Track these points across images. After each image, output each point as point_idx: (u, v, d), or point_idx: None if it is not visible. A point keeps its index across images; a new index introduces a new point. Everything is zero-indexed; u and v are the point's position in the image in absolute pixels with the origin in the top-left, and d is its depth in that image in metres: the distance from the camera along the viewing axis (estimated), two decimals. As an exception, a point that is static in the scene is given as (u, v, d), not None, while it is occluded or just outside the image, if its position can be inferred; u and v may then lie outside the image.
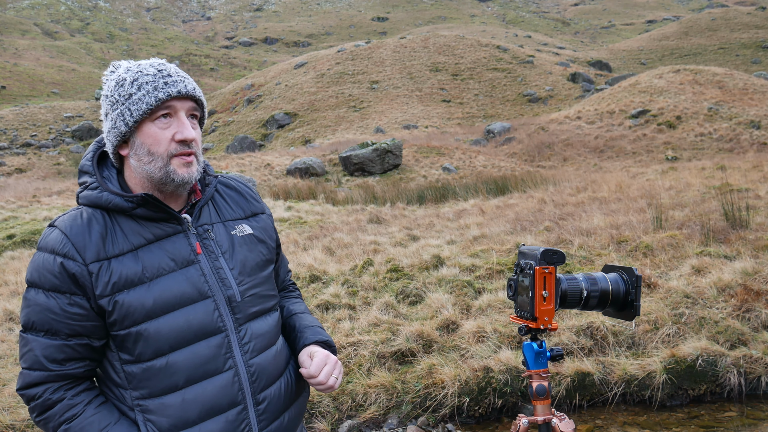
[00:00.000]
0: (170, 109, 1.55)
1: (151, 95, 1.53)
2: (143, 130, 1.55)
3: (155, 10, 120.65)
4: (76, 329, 1.51)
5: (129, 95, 1.54)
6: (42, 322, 1.51)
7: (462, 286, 5.88)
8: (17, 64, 72.85)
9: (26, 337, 1.53)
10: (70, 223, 1.53)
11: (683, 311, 4.93)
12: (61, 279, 1.49)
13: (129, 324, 1.51)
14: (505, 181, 14.66)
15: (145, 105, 1.53)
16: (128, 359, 1.54)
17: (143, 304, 1.51)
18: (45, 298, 1.50)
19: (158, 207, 1.56)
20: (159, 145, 1.55)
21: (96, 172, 1.59)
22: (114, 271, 1.50)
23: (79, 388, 1.55)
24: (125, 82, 1.55)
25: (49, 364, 1.51)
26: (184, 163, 1.57)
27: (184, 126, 1.56)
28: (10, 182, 25.92)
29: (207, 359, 1.57)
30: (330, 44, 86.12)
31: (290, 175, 22.24)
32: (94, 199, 1.56)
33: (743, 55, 59.15)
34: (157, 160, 1.55)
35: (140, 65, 1.58)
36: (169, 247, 1.58)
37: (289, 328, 1.84)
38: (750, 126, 24.97)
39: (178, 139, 1.55)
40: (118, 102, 1.55)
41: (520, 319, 1.76)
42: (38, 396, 1.52)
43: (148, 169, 1.56)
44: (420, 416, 4.22)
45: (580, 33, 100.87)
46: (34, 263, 1.54)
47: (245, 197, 1.80)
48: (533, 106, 41.77)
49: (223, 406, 1.59)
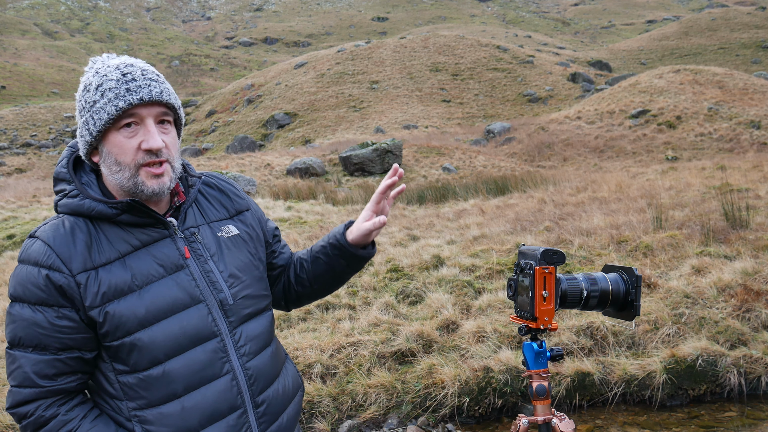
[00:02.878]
0: (135, 117, 1.48)
1: (111, 104, 1.46)
2: (109, 139, 1.49)
3: (155, 10, 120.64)
4: (66, 342, 1.46)
5: (93, 102, 1.48)
6: (30, 338, 1.45)
7: (462, 286, 5.87)
8: (17, 64, 72.86)
9: (14, 354, 1.47)
10: (53, 233, 1.47)
11: (683, 311, 4.93)
12: (47, 292, 1.44)
13: (122, 334, 1.47)
14: (505, 181, 14.66)
15: (107, 114, 1.46)
16: (123, 369, 1.50)
17: (135, 313, 1.47)
18: (31, 312, 1.45)
19: (144, 212, 1.52)
20: (125, 155, 1.48)
21: (74, 179, 1.54)
22: (102, 281, 1.46)
23: (73, 402, 1.51)
24: (90, 87, 1.49)
25: (40, 380, 1.46)
26: (153, 175, 1.50)
27: (150, 134, 1.48)
28: (10, 182, 25.92)
29: (204, 365, 1.54)
30: (330, 44, 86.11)
31: (290, 175, 22.23)
32: (76, 207, 1.50)
33: (743, 55, 59.15)
34: (125, 170, 1.49)
35: (108, 67, 1.51)
36: (156, 252, 1.54)
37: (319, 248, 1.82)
38: (750, 126, 24.97)
39: (144, 149, 1.48)
40: (84, 109, 1.50)
41: (520, 319, 1.76)
42: (30, 414, 1.47)
43: (118, 179, 1.51)
44: (420, 416, 4.22)
45: (580, 33, 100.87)
46: (17, 277, 1.48)
47: (228, 196, 1.76)
48: (533, 106, 41.76)
49: (224, 411, 1.56)
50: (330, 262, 1.79)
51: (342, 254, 1.77)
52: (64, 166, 1.56)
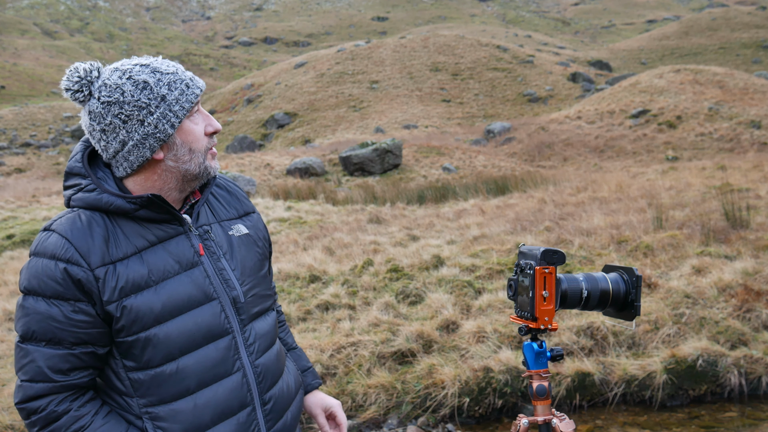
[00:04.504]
0: (197, 104, 1.57)
1: (188, 93, 1.51)
2: (183, 129, 1.53)
3: (155, 10, 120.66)
4: (81, 337, 1.46)
5: (162, 96, 1.48)
6: (44, 332, 1.44)
7: (462, 286, 5.87)
8: (17, 63, 72.88)
9: (26, 348, 1.46)
10: (70, 227, 1.46)
11: (684, 311, 4.93)
12: (64, 285, 1.43)
13: (138, 329, 1.47)
14: (505, 181, 14.66)
15: (188, 103, 1.51)
16: (133, 366, 1.50)
17: (152, 308, 1.48)
18: (46, 306, 1.43)
19: (162, 208, 1.52)
20: (198, 142, 1.55)
21: (90, 173, 1.53)
22: (120, 276, 1.46)
23: (84, 398, 1.50)
24: (149, 84, 1.48)
25: (54, 375, 1.45)
26: (213, 156, 1.61)
27: (211, 118, 1.59)
28: (10, 182, 25.90)
29: (216, 362, 1.55)
30: (330, 44, 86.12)
31: (290, 175, 22.23)
32: (93, 201, 1.49)
33: (744, 54, 59.15)
34: (198, 156, 1.55)
35: (142, 65, 1.50)
36: (172, 248, 1.55)
37: (290, 352, 1.94)
38: (750, 126, 24.96)
39: (209, 132, 1.57)
40: (150, 105, 1.47)
41: (520, 319, 1.75)
42: (42, 409, 1.45)
43: (189, 167, 1.55)
44: (420, 416, 4.22)
45: (581, 33, 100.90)
46: (32, 269, 1.46)
47: (237, 197, 1.78)
48: (533, 105, 41.76)
49: (234, 408, 1.58)
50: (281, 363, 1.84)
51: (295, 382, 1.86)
52: (79, 161, 1.55)
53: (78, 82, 1.49)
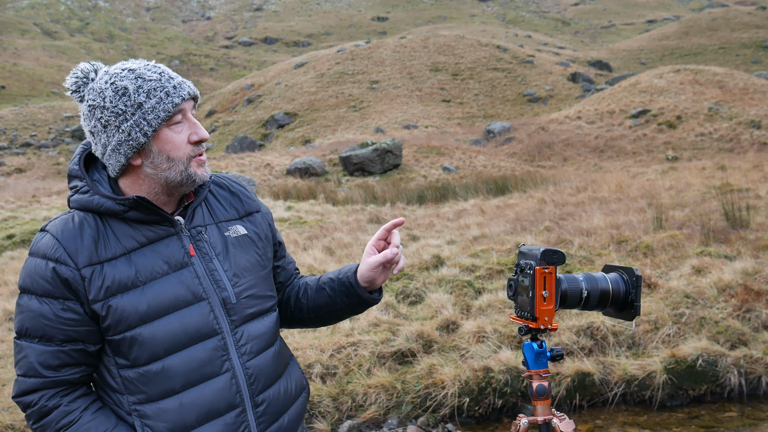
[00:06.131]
0: (181, 112, 1.54)
1: (165, 101, 1.50)
2: (160, 137, 1.52)
3: (155, 10, 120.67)
4: (71, 335, 1.50)
5: (139, 104, 1.49)
6: (36, 328, 1.50)
7: (462, 286, 5.87)
8: (17, 63, 72.88)
9: (20, 344, 1.52)
10: (62, 228, 1.51)
11: (683, 311, 4.93)
12: (53, 284, 1.48)
13: (123, 329, 1.50)
14: (505, 181, 14.66)
15: (163, 113, 1.50)
16: (124, 364, 1.53)
17: (137, 308, 1.50)
18: (38, 303, 1.49)
19: (150, 210, 1.54)
20: (178, 150, 1.54)
21: (85, 176, 1.57)
22: (107, 275, 1.49)
23: (76, 393, 1.54)
24: (128, 91, 1.49)
25: (44, 371, 1.50)
26: (200, 164, 1.58)
27: (197, 127, 1.57)
28: (10, 182, 25.91)
29: (203, 362, 1.55)
30: (330, 44, 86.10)
31: (290, 175, 22.23)
32: (86, 203, 1.53)
33: (743, 54, 59.14)
34: (178, 164, 1.54)
35: (129, 70, 1.52)
36: (162, 250, 1.56)
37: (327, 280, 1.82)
38: (750, 126, 24.96)
39: (193, 141, 1.55)
40: (126, 113, 1.49)
41: (520, 319, 1.75)
42: (34, 403, 1.51)
43: (168, 175, 1.54)
44: (420, 416, 4.22)
45: (580, 33, 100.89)
46: (27, 269, 1.52)
47: (239, 197, 1.77)
48: (533, 106, 41.76)
49: (221, 409, 1.57)
50: (333, 297, 1.80)
51: (347, 293, 1.78)
52: (77, 164, 1.59)
53: (76, 83, 1.55)
